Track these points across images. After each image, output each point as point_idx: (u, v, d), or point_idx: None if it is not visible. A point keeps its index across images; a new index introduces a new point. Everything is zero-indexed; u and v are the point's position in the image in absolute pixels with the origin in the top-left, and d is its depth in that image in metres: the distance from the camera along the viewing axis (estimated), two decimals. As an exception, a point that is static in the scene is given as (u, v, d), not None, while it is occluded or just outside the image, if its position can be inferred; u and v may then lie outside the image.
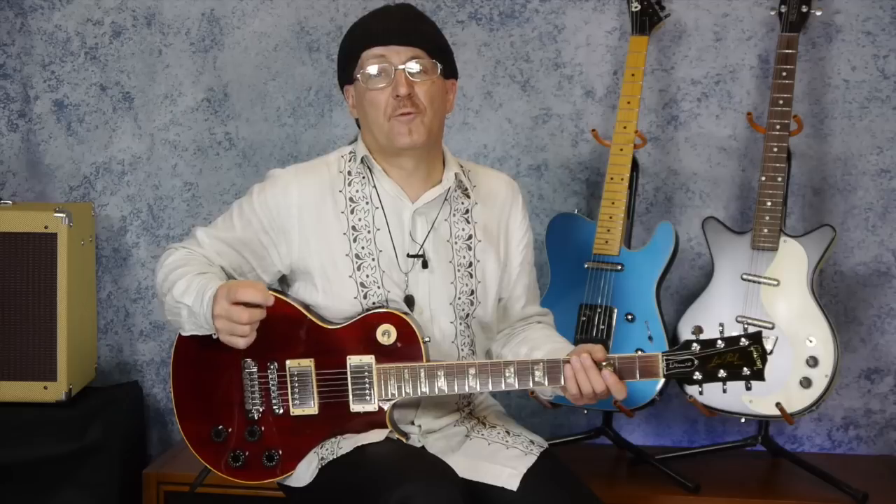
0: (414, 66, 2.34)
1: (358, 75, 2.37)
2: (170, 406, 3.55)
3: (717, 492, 3.04)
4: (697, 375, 2.26)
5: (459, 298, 2.43)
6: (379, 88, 2.34)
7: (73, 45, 3.52)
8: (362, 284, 2.38)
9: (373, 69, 2.34)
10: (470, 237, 2.47)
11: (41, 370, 3.16)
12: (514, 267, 2.54)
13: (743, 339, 2.24)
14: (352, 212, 2.41)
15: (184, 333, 2.35)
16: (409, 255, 2.41)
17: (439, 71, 2.38)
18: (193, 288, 2.29)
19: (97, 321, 3.54)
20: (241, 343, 2.24)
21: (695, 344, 2.26)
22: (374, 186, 2.42)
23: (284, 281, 2.49)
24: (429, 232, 2.42)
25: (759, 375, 2.25)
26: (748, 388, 2.98)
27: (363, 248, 2.39)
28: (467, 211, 2.48)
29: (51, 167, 3.56)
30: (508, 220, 2.53)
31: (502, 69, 3.43)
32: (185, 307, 2.30)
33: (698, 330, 2.30)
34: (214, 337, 2.28)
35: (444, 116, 2.44)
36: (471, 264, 2.45)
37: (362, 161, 2.42)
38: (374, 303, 2.37)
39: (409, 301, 2.40)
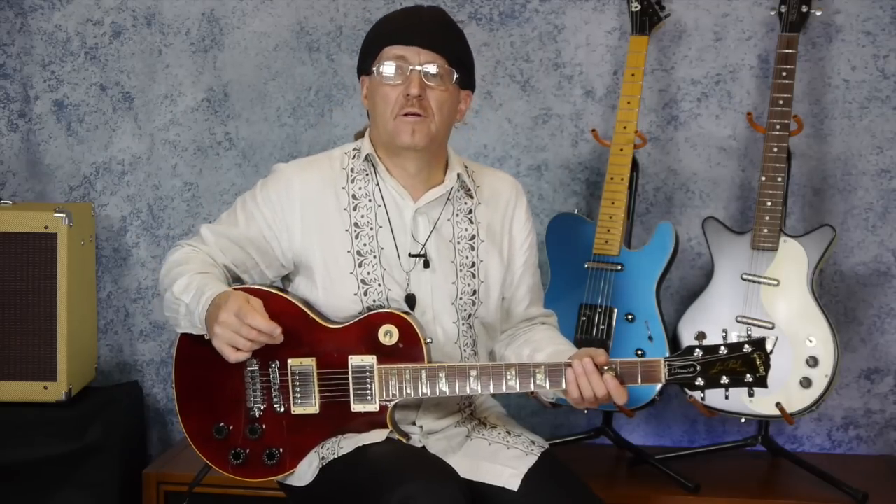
0: (430, 70, 2.34)
1: (374, 69, 2.38)
2: (170, 406, 3.55)
3: (717, 492, 3.04)
4: (699, 382, 2.25)
5: (461, 298, 2.43)
6: (392, 85, 2.35)
7: (73, 45, 3.52)
8: (363, 281, 2.38)
9: (390, 66, 2.35)
10: (473, 237, 2.47)
11: (41, 370, 3.16)
12: (518, 267, 2.54)
13: (746, 346, 2.23)
14: (354, 208, 2.41)
15: (179, 330, 2.38)
16: (410, 255, 2.41)
17: (454, 79, 2.38)
18: (193, 286, 2.31)
19: (97, 321, 3.54)
20: (233, 356, 2.24)
21: (697, 350, 2.25)
22: (378, 185, 2.43)
23: (287, 278, 2.49)
24: (431, 232, 2.43)
25: (761, 382, 2.24)
26: (751, 395, 2.97)
27: (365, 244, 2.39)
28: (471, 211, 2.48)
29: (51, 167, 3.55)
30: (512, 220, 2.53)
31: (502, 69, 3.43)
32: (183, 304, 2.32)
33: (701, 336, 2.29)
34: (206, 338, 2.30)
35: (452, 125, 2.44)
36: (473, 264, 2.46)
37: (366, 158, 2.43)
38: (374, 300, 2.38)
39: (411, 300, 2.40)
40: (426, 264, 2.41)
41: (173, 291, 2.34)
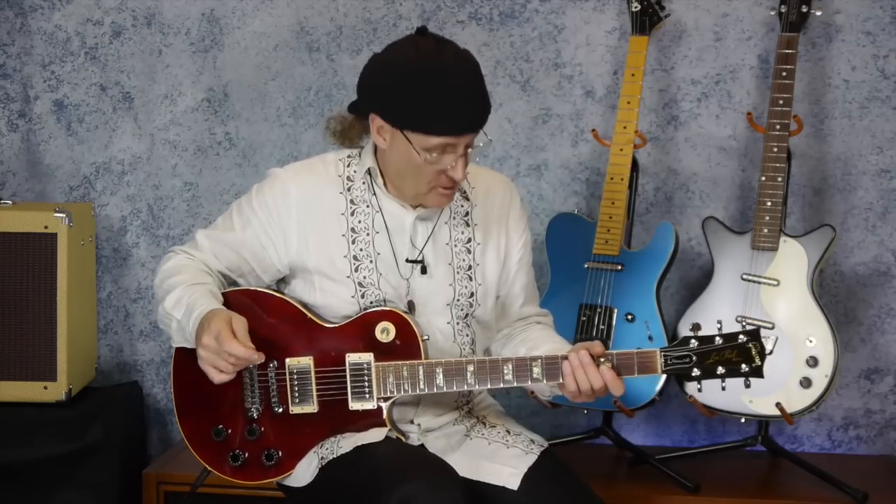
0: (472, 147, 2.30)
1: (415, 142, 2.26)
2: (170, 406, 3.55)
3: (717, 492, 3.04)
4: (696, 372, 2.25)
5: (458, 300, 2.43)
6: (433, 164, 2.27)
7: (73, 45, 3.52)
8: (360, 284, 2.38)
9: (437, 151, 2.26)
10: (469, 240, 2.46)
11: (41, 370, 3.16)
12: (513, 265, 2.53)
13: (741, 336, 2.24)
14: (352, 214, 2.40)
15: (174, 344, 2.38)
16: (407, 260, 2.41)
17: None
18: (184, 302, 2.31)
19: (97, 321, 3.54)
20: (217, 378, 2.25)
21: (693, 340, 2.25)
22: (375, 193, 2.42)
23: (283, 281, 2.49)
24: (428, 237, 2.42)
25: (757, 372, 2.25)
26: (747, 387, 2.96)
27: (361, 249, 2.39)
28: (467, 213, 2.47)
29: (51, 167, 3.56)
30: (508, 218, 2.52)
31: (502, 69, 3.43)
32: (174, 320, 2.32)
33: (696, 327, 2.30)
34: None
35: None
36: (470, 267, 2.45)
37: (368, 171, 2.41)
38: (371, 302, 2.37)
39: (408, 306, 2.39)
40: (423, 270, 2.41)
41: (165, 307, 2.34)
